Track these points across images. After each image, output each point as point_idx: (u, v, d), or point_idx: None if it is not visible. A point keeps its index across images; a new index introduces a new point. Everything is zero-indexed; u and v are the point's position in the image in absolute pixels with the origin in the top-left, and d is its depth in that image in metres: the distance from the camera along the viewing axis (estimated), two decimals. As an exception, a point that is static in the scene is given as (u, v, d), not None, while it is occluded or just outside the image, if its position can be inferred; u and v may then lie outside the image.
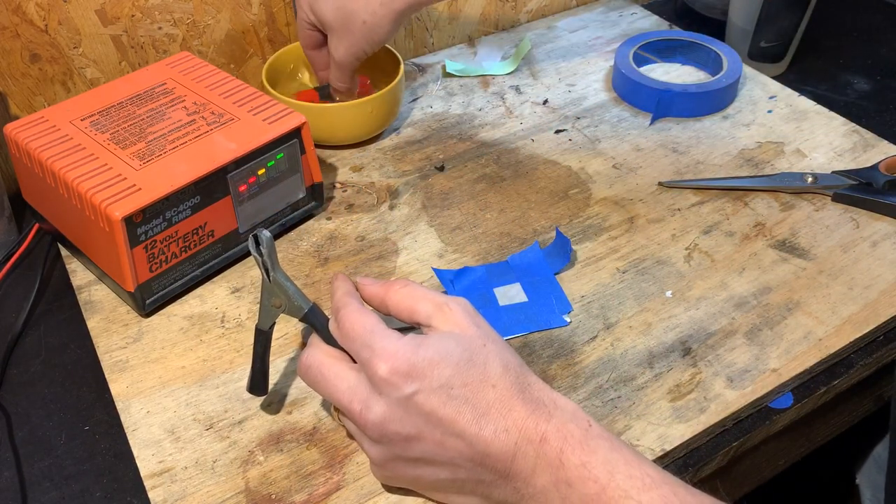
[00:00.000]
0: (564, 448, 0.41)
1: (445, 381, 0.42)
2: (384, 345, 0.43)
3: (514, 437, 0.41)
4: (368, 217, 0.68)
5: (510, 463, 0.41)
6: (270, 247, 0.47)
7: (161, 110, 0.62)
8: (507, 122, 0.78)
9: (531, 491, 0.41)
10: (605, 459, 0.40)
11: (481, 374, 0.43)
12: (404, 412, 0.42)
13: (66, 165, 0.57)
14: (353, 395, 0.44)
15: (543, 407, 0.42)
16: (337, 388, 0.44)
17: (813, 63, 0.88)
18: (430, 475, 0.44)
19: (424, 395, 0.42)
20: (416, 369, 0.42)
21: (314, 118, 0.68)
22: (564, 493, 0.40)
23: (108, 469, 0.51)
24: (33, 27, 0.68)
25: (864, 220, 0.65)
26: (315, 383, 0.46)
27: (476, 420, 0.42)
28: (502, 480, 0.42)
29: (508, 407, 0.42)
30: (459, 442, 0.42)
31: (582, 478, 0.40)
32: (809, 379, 0.55)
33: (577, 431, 0.41)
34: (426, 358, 0.43)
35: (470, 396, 0.42)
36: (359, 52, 0.68)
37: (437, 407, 0.42)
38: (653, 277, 0.61)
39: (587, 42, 0.90)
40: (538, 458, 0.41)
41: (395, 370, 0.42)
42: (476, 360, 0.43)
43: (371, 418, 0.43)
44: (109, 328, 0.59)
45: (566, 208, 0.68)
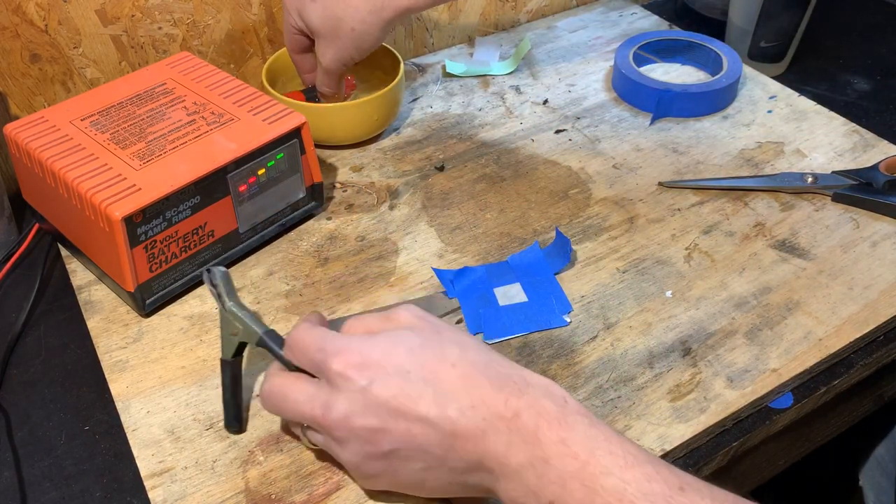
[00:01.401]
0: (540, 424, 0.40)
1: (401, 366, 0.42)
2: (335, 343, 0.44)
3: (482, 413, 0.40)
4: (368, 217, 0.68)
5: (481, 442, 0.40)
6: (225, 279, 0.49)
7: (161, 110, 0.62)
8: (507, 122, 0.78)
9: (506, 471, 0.40)
10: (585, 436, 0.39)
11: (438, 355, 0.42)
12: (365, 404, 0.42)
13: (66, 165, 0.57)
14: (315, 401, 0.43)
15: (512, 383, 0.41)
16: (298, 402, 0.44)
17: (813, 63, 0.88)
18: (405, 468, 0.43)
19: (381, 382, 0.41)
20: (370, 360, 0.42)
21: (314, 118, 0.69)
22: (541, 470, 0.39)
23: (108, 469, 0.51)
24: (33, 27, 0.68)
25: (864, 220, 0.65)
26: (278, 406, 0.46)
27: (438, 401, 0.41)
28: (475, 463, 0.41)
29: (472, 384, 0.41)
30: (425, 427, 0.41)
31: (560, 454, 0.39)
32: (809, 379, 0.55)
33: (552, 407, 0.40)
34: (379, 348, 0.43)
35: (429, 378, 0.41)
36: (346, 58, 0.67)
37: (396, 393, 0.41)
38: (653, 277, 0.61)
39: (587, 42, 0.90)
40: (511, 436, 0.40)
41: (349, 363, 0.42)
42: (430, 344, 0.43)
43: (334, 416, 0.42)
44: (109, 328, 0.59)
45: (566, 208, 0.68)
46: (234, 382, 0.51)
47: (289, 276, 0.62)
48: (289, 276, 0.62)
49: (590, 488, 0.38)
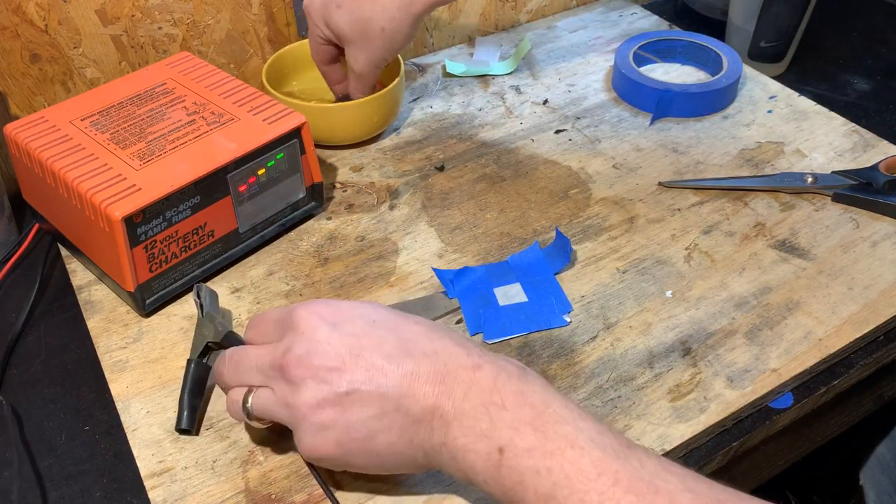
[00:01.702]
0: (500, 376, 0.41)
1: (365, 316, 0.43)
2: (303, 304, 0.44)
3: (444, 359, 0.41)
4: (368, 217, 0.68)
5: (439, 384, 0.41)
6: (210, 295, 0.56)
7: (161, 110, 0.62)
8: (507, 122, 0.78)
9: (458, 415, 0.40)
10: (542, 391, 0.40)
11: (401, 316, 0.44)
12: (327, 344, 0.42)
13: (66, 165, 0.57)
14: (275, 349, 0.43)
15: (475, 348, 0.43)
16: (258, 354, 0.44)
17: (813, 63, 0.88)
18: (359, 414, 0.41)
19: (347, 326, 0.43)
20: (337, 309, 0.44)
21: (314, 118, 0.68)
22: (495, 415, 0.39)
23: (108, 469, 0.51)
24: (33, 27, 0.68)
25: (864, 220, 0.65)
26: (236, 364, 0.45)
27: (401, 345, 0.42)
28: (428, 410, 0.41)
29: (436, 337, 0.42)
30: (386, 367, 0.41)
31: (517, 403, 0.40)
32: (809, 379, 0.55)
33: (512, 368, 0.41)
34: (346, 305, 0.44)
35: (393, 327, 0.43)
36: (379, 60, 0.67)
37: (361, 335, 0.42)
38: (653, 277, 0.61)
39: (587, 42, 0.90)
40: (471, 385, 0.40)
41: (315, 312, 0.43)
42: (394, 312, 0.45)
43: (296, 354, 0.42)
44: (109, 328, 0.59)
45: (566, 208, 0.68)
46: (195, 384, 0.52)
47: (289, 276, 0.62)
48: (289, 276, 0.62)
49: (542, 433, 0.38)
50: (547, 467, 0.38)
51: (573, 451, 0.38)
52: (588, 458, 0.37)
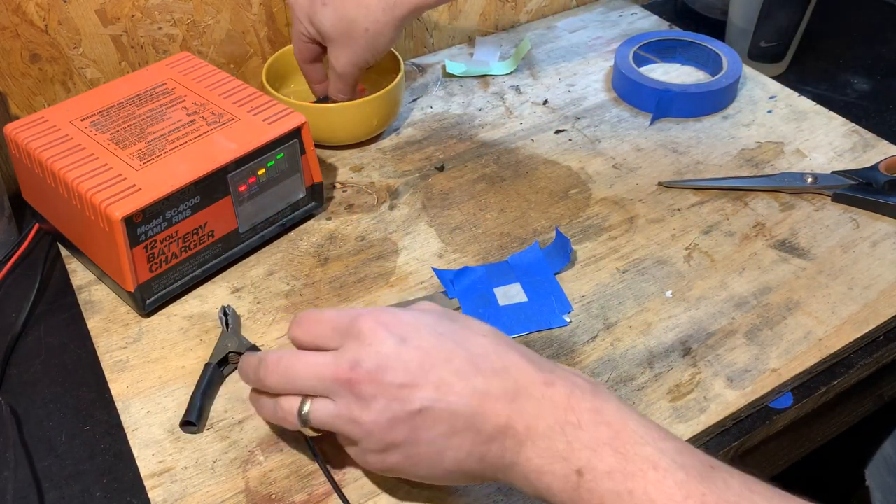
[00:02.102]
0: (573, 393, 0.39)
1: (432, 327, 0.41)
2: (362, 311, 0.43)
3: (515, 375, 0.40)
4: (368, 217, 0.68)
5: (512, 403, 0.39)
6: (234, 317, 0.58)
7: (161, 110, 0.62)
8: (507, 122, 0.78)
9: (533, 435, 0.39)
10: (618, 409, 0.39)
11: (466, 327, 0.42)
12: (397, 359, 0.40)
13: (66, 165, 0.57)
14: (340, 360, 0.41)
15: (543, 362, 0.41)
16: (317, 363, 0.42)
17: (813, 63, 0.88)
18: (429, 432, 0.40)
19: (414, 340, 0.41)
20: (402, 320, 0.42)
21: (314, 118, 0.68)
22: (572, 435, 0.38)
23: (108, 469, 0.51)
24: (33, 27, 0.68)
25: (864, 220, 0.65)
26: (287, 371, 0.43)
27: (471, 360, 0.40)
28: (500, 428, 0.40)
29: (503, 351, 0.41)
30: (457, 385, 0.40)
31: (593, 422, 0.38)
32: (809, 379, 0.55)
33: (584, 384, 0.40)
34: (408, 315, 0.42)
35: (461, 340, 0.41)
36: (361, 61, 0.67)
37: (429, 349, 0.40)
38: (653, 277, 0.61)
39: (587, 42, 0.90)
40: (543, 401, 0.39)
41: (380, 321, 0.41)
42: (457, 320, 0.43)
43: (365, 368, 0.40)
44: (109, 328, 0.59)
45: (566, 208, 0.68)
46: (209, 385, 0.53)
47: (289, 276, 0.62)
48: (289, 276, 0.62)
49: (623, 455, 0.37)
50: (629, 490, 0.36)
51: (656, 473, 0.37)
52: (672, 480, 0.36)
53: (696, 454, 0.38)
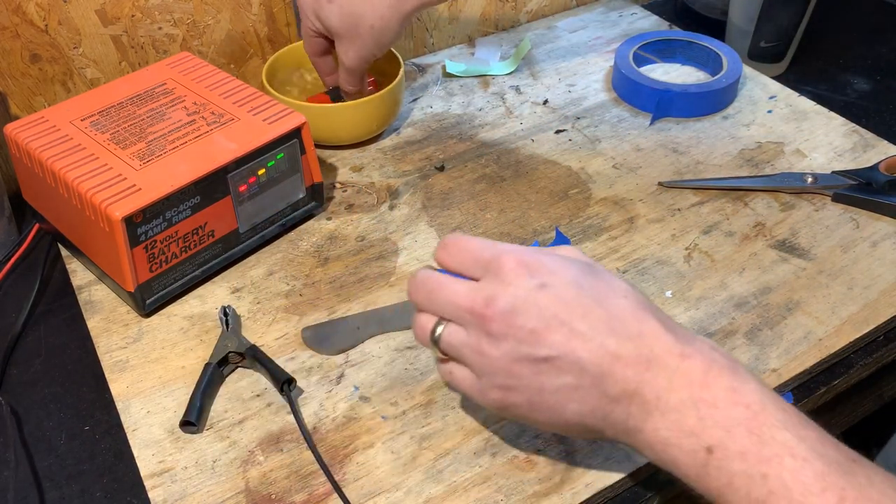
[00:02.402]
0: (711, 368, 0.38)
1: (574, 280, 0.40)
2: (507, 247, 0.42)
3: (651, 343, 0.39)
4: (368, 217, 0.68)
5: (644, 370, 0.39)
6: (235, 316, 0.59)
7: (161, 110, 0.62)
8: (507, 122, 0.78)
9: (663, 406, 0.38)
10: (757, 390, 0.38)
11: (608, 284, 0.41)
12: (533, 303, 0.40)
13: (67, 165, 0.57)
14: (477, 293, 0.41)
15: (682, 331, 0.40)
16: (457, 292, 0.42)
17: (813, 63, 0.88)
18: (553, 381, 0.40)
19: (554, 288, 0.40)
20: (545, 265, 0.41)
21: (314, 118, 0.68)
22: (705, 412, 0.37)
23: (108, 469, 0.51)
24: (33, 27, 0.68)
25: (864, 220, 0.65)
26: (430, 292, 0.43)
27: (607, 321, 0.39)
28: (628, 393, 0.39)
29: (642, 317, 0.40)
30: (588, 342, 0.39)
31: (729, 401, 0.37)
32: (809, 379, 0.55)
33: (723, 360, 0.39)
34: (553, 260, 0.42)
35: (600, 298, 0.40)
36: (368, 55, 0.67)
37: (567, 301, 0.40)
38: (653, 277, 0.61)
39: (587, 42, 0.90)
40: (677, 373, 0.38)
41: (522, 262, 0.41)
42: (601, 276, 0.42)
43: (499, 306, 0.40)
44: (109, 328, 0.59)
45: (566, 208, 0.68)
46: (209, 385, 0.53)
47: (289, 276, 0.62)
48: (289, 276, 0.62)
49: (758, 437, 0.36)
50: (762, 473, 0.36)
51: (794, 460, 0.35)
52: (811, 470, 0.35)
53: (838, 446, 0.37)
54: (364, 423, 0.52)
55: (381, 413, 0.52)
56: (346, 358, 0.56)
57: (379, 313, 0.58)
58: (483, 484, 0.48)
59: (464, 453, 0.50)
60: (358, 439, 0.51)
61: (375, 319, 0.58)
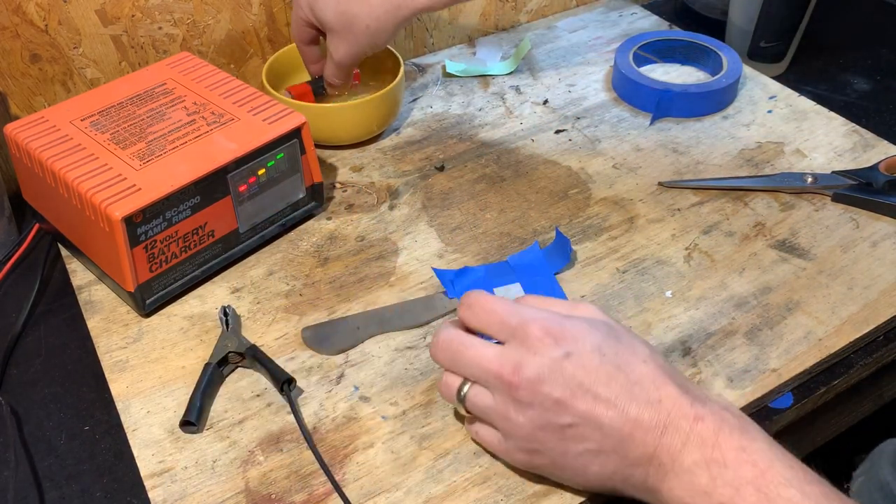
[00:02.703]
0: (722, 429, 0.40)
1: (597, 347, 0.42)
2: (532, 313, 0.43)
3: (668, 408, 0.41)
4: (368, 217, 0.68)
5: (659, 436, 0.40)
6: (235, 316, 0.58)
7: (161, 110, 0.62)
8: (507, 122, 0.78)
9: (678, 468, 0.40)
10: (765, 448, 0.40)
11: (630, 349, 0.43)
12: (559, 372, 0.42)
13: (66, 165, 0.57)
14: (503, 359, 0.43)
15: (695, 393, 0.42)
16: (483, 356, 0.44)
17: (813, 63, 0.88)
18: (575, 448, 0.42)
19: (578, 357, 0.42)
20: (569, 332, 0.42)
21: (314, 118, 0.68)
22: (716, 472, 0.39)
23: (108, 469, 0.51)
24: (33, 27, 0.68)
25: (864, 220, 0.65)
26: (456, 354, 0.45)
27: (629, 388, 0.41)
28: (646, 457, 0.41)
29: (661, 382, 0.42)
30: (611, 409, 0.41)
31: (739, 460, 0.39)
32: (809, 379, 0.55)
33: (733, 420, 0.41)
34: (576, 326, 0.43)
35: (622, 365, 0.42)
36: (360, 53, 0.67)
37: (591, 370, 0.41)
38: (653, 277, 0.61)
39: (587, 42, 0.90)
40: (690, 436, 0.40)
41: (548, 331, 0.42)
42: (622, 339, 0.43)
43: (526, 376, 0.42)
44: (109, 328, 0.59)
45: (566, 208, 0.68)
46: (209, 384, 0.53)
47: (289, 276, 0.62)
48: (289, 276, 0.62)
49: (766, 495, 0.38)
50: None
51: None
52: None
53: (842, 500, 0.38)
54: (364, 423, 0.52)
55: (381, 413, 0.52)
56: (346, 358, 0.56)
57: (379, 313, 0.58)
58: (483, 484, 0.48)
59: (464, 453, 0.50)
60: (358, 439, 0.51)
61: (375, 319, 0.58)
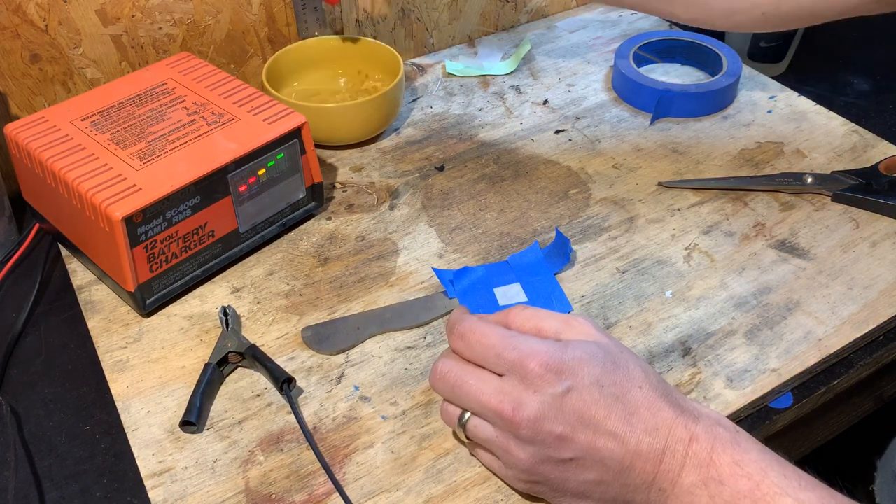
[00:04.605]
0: (715, 446, 0.41)
1: (596, 379, 0.43)
2: (530, 345, 0.43)
3: (664, 435, 0.42)
4: (368, 217, 0.68)
5: (658, 463, 0.41)
6: (235, 316, 0.59)
7: (161, 110, 0.63)
8: (507, 122, 0.78)
9: (676, 491, 0.41)
10: (758, 459, 0.41)
11: (626, 375, 0.43)
12: (559, 409, 0.42)
13: (67, 165, 0.57)
14: (503, 396, 0.43)
15: (689, 411, 0.43)
16: (482, 391, 0.44)
17: (813, 63, 0.88)
18: (577, 478, 0.43)
19: (578, 392, 0.42)
20: (568, 367, 0.42)
21: (314, 118, 0.68)
22: (714, 490, 0.40)
23: (108, 469, 0.51)
24: (33, 27, 0.68)
25: (863, 220, 0.65)
26: (454, 387, 0.45)
27: (627, 418, 0.42)
28: (647, 484, 0.42)
29: (657, 407, 0.42)
30: (611, 441, 0.42)
31: (734, 475, 0.40)
32: (809, 379, 0.55)
33: (725, 434, 0.42)
34: (575, 357, 0.43)
35: (619, 395, 0.42)
36: None
37: (590, 404, 0.42)
38: (653, 277, 0.61)
39: (587, 42, 0.90)
40: (687, 458, 0.41)
41: (547, 366, 0.42)
42: (619, 363, 0.44)
43: (527, 415, 0.42)
44: (109, 328, 0.59)
45: (566, 208, 0.68)
46: (209, 384, 0.53)
47: (289, 276, 0.62)
48: (289, 276, 0.62)
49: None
50: None
51: None
52: None
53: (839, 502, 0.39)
54: (364, 422, 0.52)
55: (381, 413, 0.52)
56: (346, 358, 0.56)
57: (379, 313, 0.58)
58: (483, 484, 0.48)
59: (464, 453, 0.50)
60: (358, 439, 0.51)
61: (375, 319, 0.58)
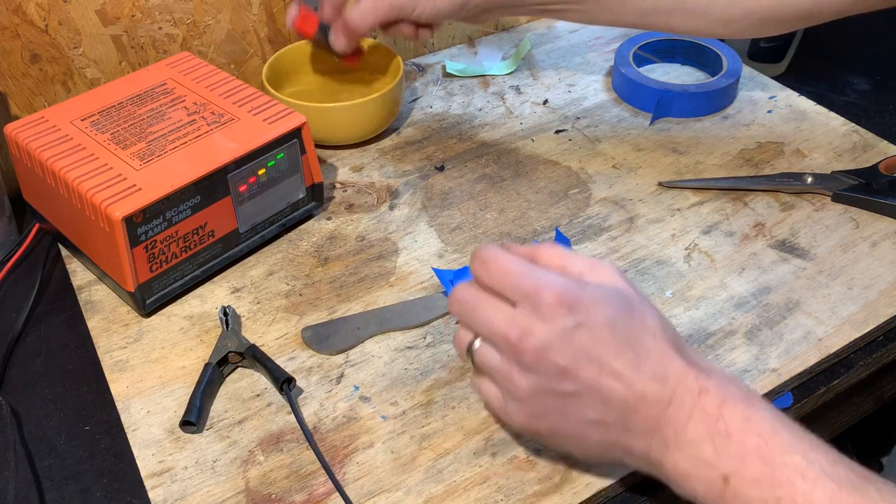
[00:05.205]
0: (726, 401, 0.40)
1: (609, 320, 0.42)
2: (548, 278, 0.43)
3: (673, 384, 0.41)
4: (368, 217, 0.68)
5: (664, 409, 0.41)
6: (235, 316, 0.59)
7: (161, 110, 0.63)
8: (507, 122, 0.78)
9: (680, 441, 0.40)
10: (769, 417, 0.40)
11: (641, 323, 0.43)
12: (566, 342, 0.41)
13: (67, 165, 0.57)
14: (513, 323, 0.42)
15: (703, 364, 0.42)
16: (494, 316, 0.43)
17: (813, 63, 0.88)
18: (577, 415, 0.42)
19: (588, 329, 0.41)
20: (582, 303, 0.42)
21: (314, 118, 0.68)
22: (720, 443, 0.39)
23: (108, 469, 0.51)
24: (34, 27, 0.68)
25: (863, 220, 0.65)
26: (468, 311, 0.44)
27: (636, 362, 0.41)
28: (649, 430, 0.41)
29: (668, 357, 0.42)
30: (616, 381, 0.41)
31: (743, 430, 0.39)
32: (809, 379, 0.55)
33: (737, 392, 0.41)
34: (591, 295, 0.42)
35: (631, 340, 0.42)
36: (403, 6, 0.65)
37: (599, 342, 0.41)
38: (653, 277, 0.61)
39: (587, 42, 0.90)
40: (694, 409, 0.40)
41: (561, 299, 0.41)
42: (636, 311, 0.43)
43: (532, 343, 0.41)
44: (109, 328, 0.59)
45: (566, 208, 0.68)
46: (209, 384, 0.53)
47: (289, 276, 0.62)
48: (289, 276, 0.62)
49: (770, 463, 0.38)
50: (776, 497, 0.37)
51: (804, 482, 0.37)
52: (821, 490, 0.37)
53: (849, 465, 0.38)
54: (364, 422, 0.52)
55: (381, 413, 0.52)
56: (346, 358, 0.56)
57: (379, 313, 0.58)
58: (483, 484, 0.48)
59: (464, 453, 0.50)
60: (358, 439, 0.51)
61: (375, 319, 0.58)
